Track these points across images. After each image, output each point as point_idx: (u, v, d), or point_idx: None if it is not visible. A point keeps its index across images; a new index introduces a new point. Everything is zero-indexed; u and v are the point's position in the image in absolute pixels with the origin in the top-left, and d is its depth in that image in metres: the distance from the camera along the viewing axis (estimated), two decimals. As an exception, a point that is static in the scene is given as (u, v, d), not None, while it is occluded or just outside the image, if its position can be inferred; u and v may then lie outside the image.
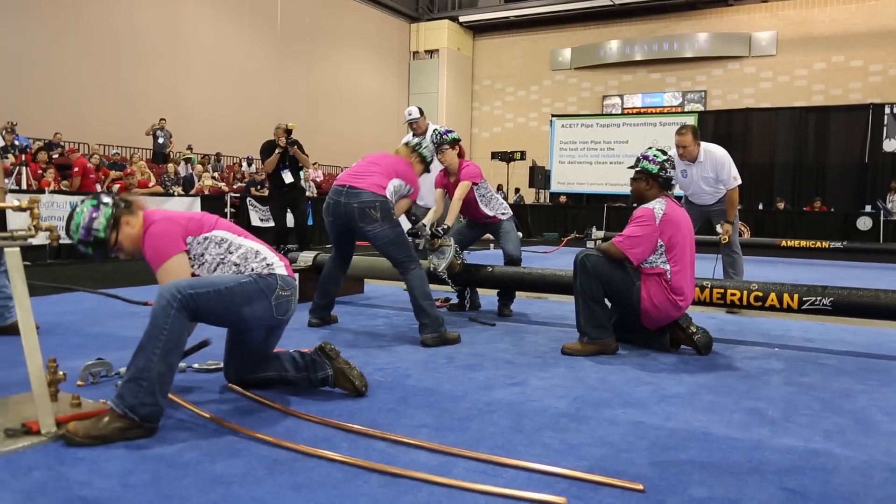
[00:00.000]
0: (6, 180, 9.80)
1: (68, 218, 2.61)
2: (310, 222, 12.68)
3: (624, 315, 3.89)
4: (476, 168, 4.90)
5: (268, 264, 2.66)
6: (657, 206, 3.75)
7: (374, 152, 4.30)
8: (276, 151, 7.65)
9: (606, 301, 3.82)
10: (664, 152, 3.89)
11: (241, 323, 2.62)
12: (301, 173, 8.24)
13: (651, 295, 3.69)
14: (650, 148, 3.95)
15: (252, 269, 2.62)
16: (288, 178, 7.67)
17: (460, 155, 4.89)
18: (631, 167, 3.96)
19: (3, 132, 12.60)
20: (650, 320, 3.77)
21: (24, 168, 10.41)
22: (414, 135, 5.98)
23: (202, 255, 2.63)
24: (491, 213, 4.98)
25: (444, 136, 4.80)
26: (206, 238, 2.65)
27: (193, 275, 2.61)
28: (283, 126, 7.79)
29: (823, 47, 21.52)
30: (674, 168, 3.90)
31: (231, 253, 2.65)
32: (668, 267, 3.70)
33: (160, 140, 15.12)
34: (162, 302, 2.37)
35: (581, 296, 3.72)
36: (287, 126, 7.77)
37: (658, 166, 3.80)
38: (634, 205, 3.97)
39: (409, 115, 6.18)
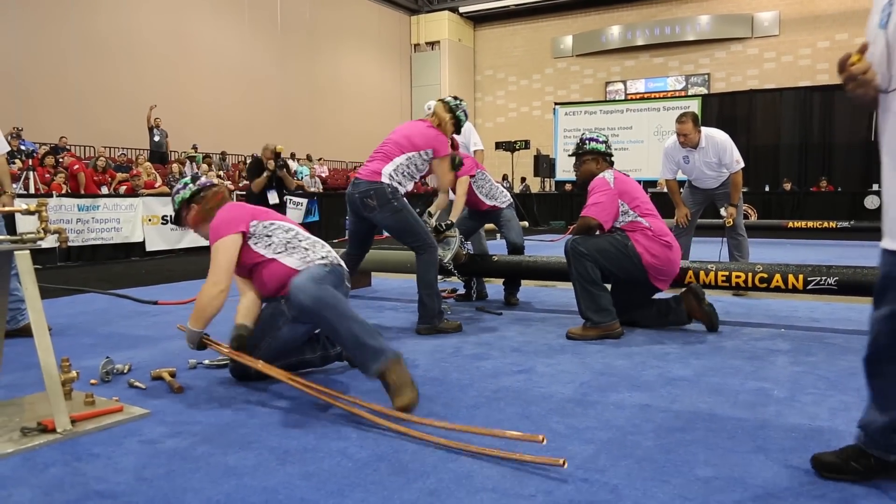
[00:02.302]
0: (13, 185, 9.88)
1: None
2: (316, 218, 12.79)
3: (632, 285, 3.91)
4: (470, 160, 4.93)
5: (335, 256, 2.97)
6: (606, 174, 3.95)
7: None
8: (265, 174, 7.86)
9: (606, 286, 3.87)
10: (601, 132, 4.16)
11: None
12: (286, 194, 8.58)
13: (646, 248, 3.79)
14: (584, 132, 4.20)
15: (322, 257, 2.89)
16: (273, 198, 7.87)
17: (454, 147, 4.90)
18: (574, 154, 4.15)
19: (9, 137, 12.68)
20: (659, 274, 3.84)
21: (31, 173, 10.48)
22: None
23: (269, 236, 2.92)
24: (491, 204, 4.99)
25: None
26: (272, 223, 2.96)
27: (255, 253, 2.89)
28: (271, 147, 7.99)
29: (827, 25, 21.33)
30: (611, 146, 4.12)
31: (300, 240, 2.94)
32: (642, 220, 3.84)
33: (156, 139, 15.15)
34: (306, 304, 2.63)
35: (577, 281, 3.78)
36: (276, 148, 7.98)
37: (604, 144, 4.05)
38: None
39: (429, 109, 6.02)
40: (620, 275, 3.85)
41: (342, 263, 2.97)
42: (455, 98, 4.27)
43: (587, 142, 4.06)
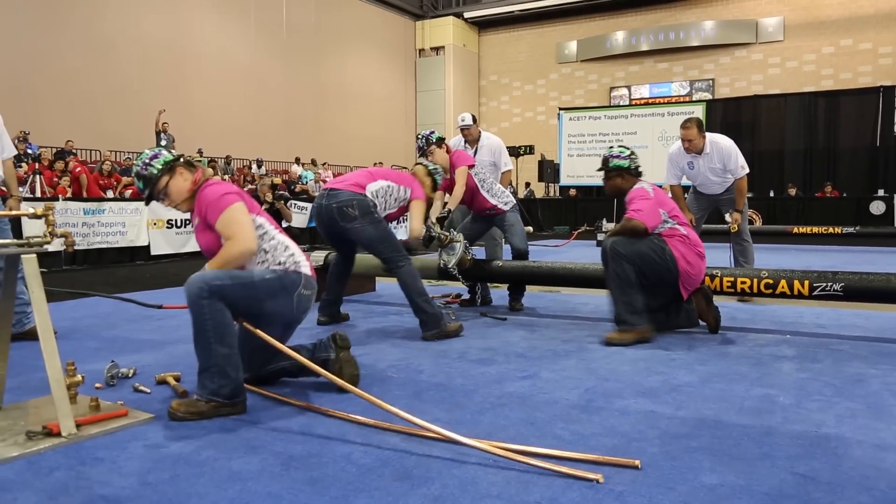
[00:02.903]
0: (20, 189, 9.92)
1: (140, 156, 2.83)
2: (312, 224, 12.82)
3: (658, 290, 3.93)
4: (466, 153, 4.99)
5: (295, 261, 2.77)
6: (644, 185, 4.01)
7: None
8: (263, 208, 8.01)
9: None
10: (625, 146, 4.19)
11: (262, 316, 2.68)
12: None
13: (682, 254, 3.84)
14: (611, 147, 4.22)
15: (280, 263, 2.73)
16: None
17: (446, 150, 4.95)
18: (601, 169, 4.19)
19: (16, 141, 12.73)
20: (688, 283, 3.89)
21: (37, 176, 10.52)
22: (466, 141, 5.76)
23: None
24: (493, 202, 4.96)
25: (429, 138, 4.83)
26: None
27: (216, 241, 2.70)
28: (268, 182, 8.12)
29: (831, 31, 21.32)
30: (637, 157, 4.15)
31: (264, 241, 2.75)
32: (680, 227, 3.91)
33: (163, 143, 15.21)
34: (192, 297, 2.48)
35: (615, 282, 3.78)
36: (272, 181, 8.12)
37: (627, 160, 4.08)
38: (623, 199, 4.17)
39: (463, 120, 5.82)
40: (652, 279, 3.85)
41: (302, 270, 2.76)
42: (435, 166, 4.53)
43: (610, 159, 4.10)
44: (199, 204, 2.73)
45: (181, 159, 2.84)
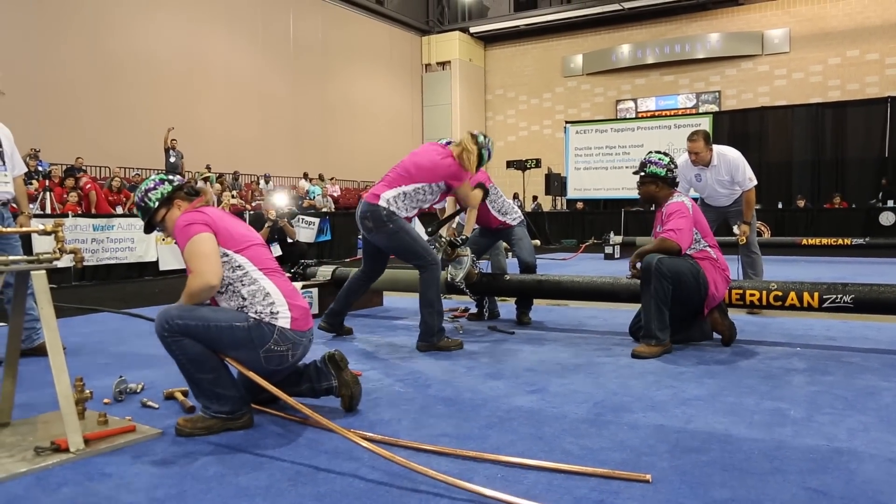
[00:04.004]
0: (30, 205, 10.01)
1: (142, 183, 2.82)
2: (328, 237, 12.87)
3: (683, 309, 3.94)
4: (482, 172, 4.94)
5: (272, 312, 2.56)
6: (684, 199, 4.01)
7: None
8: (266, 226, 8.16)
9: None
10: (665, 153, 4.14)
11: (228, 361, 2.57)
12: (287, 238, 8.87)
13: (713, 279, 3.88)
14: (651, 152, 4.18)
15: (256, 312, 2.54)
16: (276, 251, 8.05)
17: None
18: (636, 172, 4.16)
19: (26, 158, 12.85)
20: (711, 303, 3.94)
21: (48, 193, 10.61)
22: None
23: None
24: (502, 219, 4.98)
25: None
26: (226, 255, 2.59)
27: None
28: (272, 208, 8.47)
29: (838, 42, 21.31)
30: (676, 167, 4.13)
31: (243, 285, 2.57)
32: (710, 250, 3.94)
33: (172, 160, 15.31)
34: (157, 334, 2.50)
35: (654, 299, 3.79)
36: (275, 205, 8.49)
37: (665, 169, 4.05)
38: (652, 208, 4.22)
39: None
40: (682, 298, 3.87)
41: (279, 322, 2.55)
42: (485, 136, 4.28)
43: (648, 164, 4.08)
44: (174, 234, 2.66)
45: (183, 189, 2.77)
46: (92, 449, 2.31)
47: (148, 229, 2.84)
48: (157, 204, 2.72)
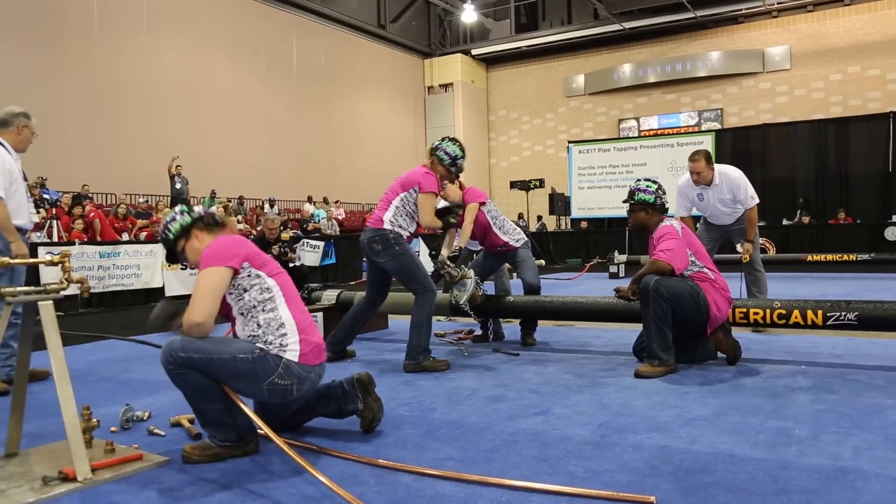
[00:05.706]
0: (37, 234, 10.09)
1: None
2: (333, 260, 12.90)
3: (685, 330, 3.95)
4: (479, 190, 5.03)
5: (282, 344, 2.56)
6: (672, 223, 4.05)
7: None
8: (276, 249, 8.32)
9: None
10: (653, 181, 4.20)
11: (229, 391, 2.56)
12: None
13: (714, 300, 3.89)
14: (639, 180, 4.25)
15: (266, 342, 2.55)
16: None
17: (460, 187, 4.99)
18: (626, 201, 4.22)
19: (34, 187, 12.97)
20: (714, 324, 3.95)
21: (55, 222, 10.70)
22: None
23: (246, 290, 2.60)
24: (505, 240, 4.99)
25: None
26: (259, 276, 2.62)
27: (227, 304, 2.62)
28: (275, 223, 8.62)
29: (839, 58, 21.41)
30: (664, 193, 4.17)
31: (263, 311, 2.59)
32: (708, 271, 3.96)
33: (178, 185, 15.42)
34: (163, 366, 2.52)
35: (654, 321, 3.82)
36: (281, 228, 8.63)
37: (653, 195, 4.12)
38: (646, 235, 4.23)
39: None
40: (682, 319, 3.89)
41: (287, 355, 2.55)
42: (447, 139, 4.39)
43: (636, 192, 4.15)
44: (200, 260, 2.66)
45: (203, 220, 2.78)
46: (99, 478, 2.33)
47: (170, 259, 2.88)
48: (175, 235, 2.76)
